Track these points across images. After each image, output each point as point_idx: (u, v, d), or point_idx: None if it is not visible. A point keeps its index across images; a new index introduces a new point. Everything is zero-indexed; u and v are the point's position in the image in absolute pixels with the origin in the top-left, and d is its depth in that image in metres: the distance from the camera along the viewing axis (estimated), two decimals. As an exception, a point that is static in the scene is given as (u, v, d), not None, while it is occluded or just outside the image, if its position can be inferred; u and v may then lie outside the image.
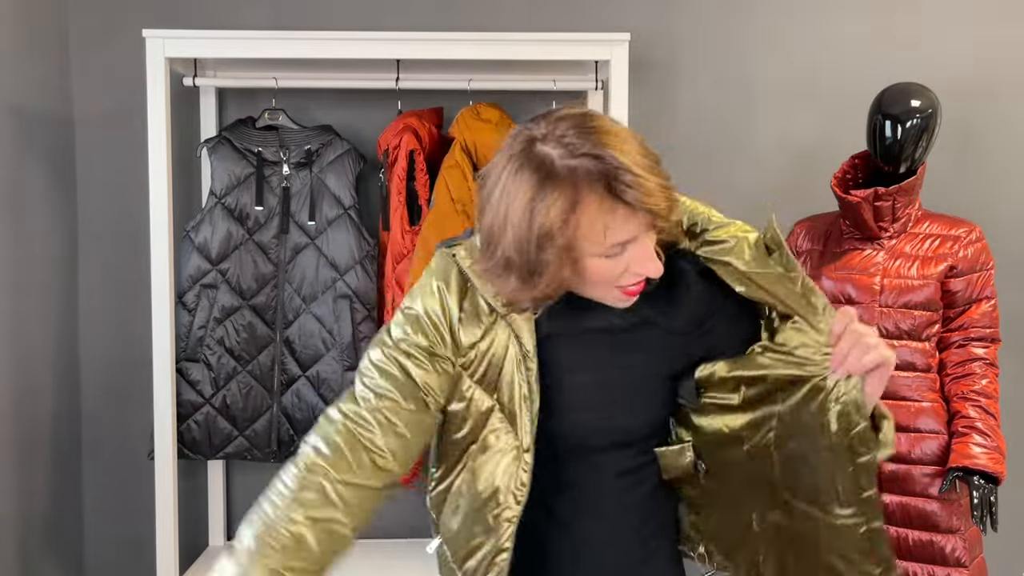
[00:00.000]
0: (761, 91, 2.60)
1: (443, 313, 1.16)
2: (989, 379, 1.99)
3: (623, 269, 1.06)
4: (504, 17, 2.53)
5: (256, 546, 1.06)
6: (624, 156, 1.00)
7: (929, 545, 1.97)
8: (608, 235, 1.02)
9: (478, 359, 1.16)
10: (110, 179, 2.52)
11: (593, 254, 1.04)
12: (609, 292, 1.10)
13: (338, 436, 1.11)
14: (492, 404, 1.17)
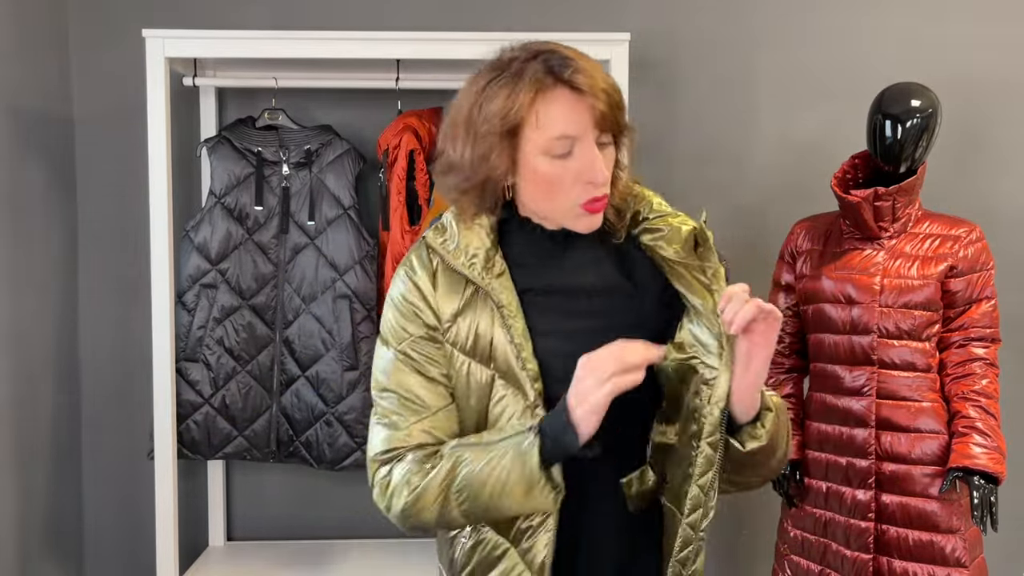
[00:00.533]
0: (761, 91, 2.60)
1: (416, 295, 1.19)
2: (989, 379, 1.99)
3: (573, 177, 1.11)
4: (504, 17, 2.53)
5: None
6: (570, 51, 1.12)
7: (929, 545, 1.96)
8: (551, 123, 1.09)
9: (464, 332, 1.17)
10: (110, 179, 2.52)
11: (538, 148, 1.10)
12: (570, 209, 1.14)
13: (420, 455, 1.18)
14: (491, 373, 1.17)
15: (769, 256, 2.41)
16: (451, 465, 1.13)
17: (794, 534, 2.15)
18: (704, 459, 1.14)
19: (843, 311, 2.04)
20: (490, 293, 1.16)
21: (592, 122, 1.10)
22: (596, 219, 1.16)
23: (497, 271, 1.18)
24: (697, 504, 1.17)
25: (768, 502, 2.49)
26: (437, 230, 1.22)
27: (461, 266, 1.17)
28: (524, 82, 1.09)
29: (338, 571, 2.35)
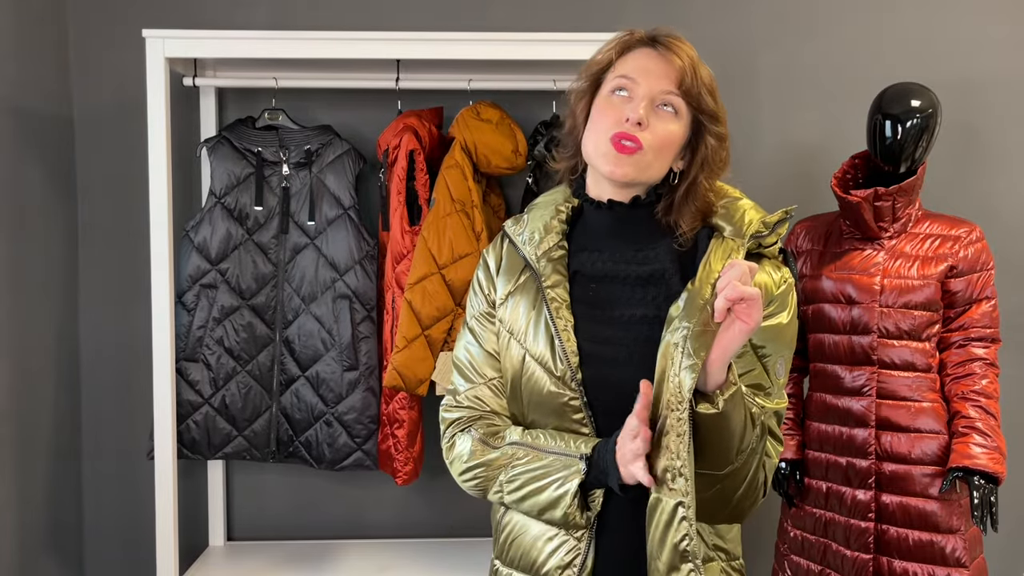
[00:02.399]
0: (761, 91, 2.60)
1: (484, 272, 1.35)
2: (989, 379, 1.99)
3: (617, 113, 1.20)
4: (504, 17, 2.53)
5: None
6: (669, 30, 1.28)
7: (929, 545, 1.97)
8: (622, 66, 1.23)
9: (510, 310, 1.28)
10: (110, 179, 2.52)
11: (607, 88, 1.23)
12: (604, 144, 1.20)
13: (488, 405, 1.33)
14: (523, 352, 1.25)
15: (769, 256, 2.41)
16: (509, 457, 1.25)
17: (794, 534, 2.15)
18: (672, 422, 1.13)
19: (843, 311, 2.04)
20: (538, 272, 1.26)
21: (659, 80, 1.20)
22: (625, 163, 1.20)
23: (554, 254, 1.28)
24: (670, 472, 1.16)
25: (768, 502, 2.49)
26: (514, 219, 1.36)
27: (523, 249, 1.30)
28: (616, 43, 1.27)
29: (338, 571, 2.35)
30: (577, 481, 1.18)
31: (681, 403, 1.09)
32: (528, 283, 1.28)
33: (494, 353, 1.31)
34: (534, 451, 1.23)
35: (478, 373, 1.31)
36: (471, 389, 1.31)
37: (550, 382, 1.23)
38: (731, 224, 1.23)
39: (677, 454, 1.10)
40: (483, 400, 1.31)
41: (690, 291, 1.17)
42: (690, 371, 1.09)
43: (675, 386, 1.10)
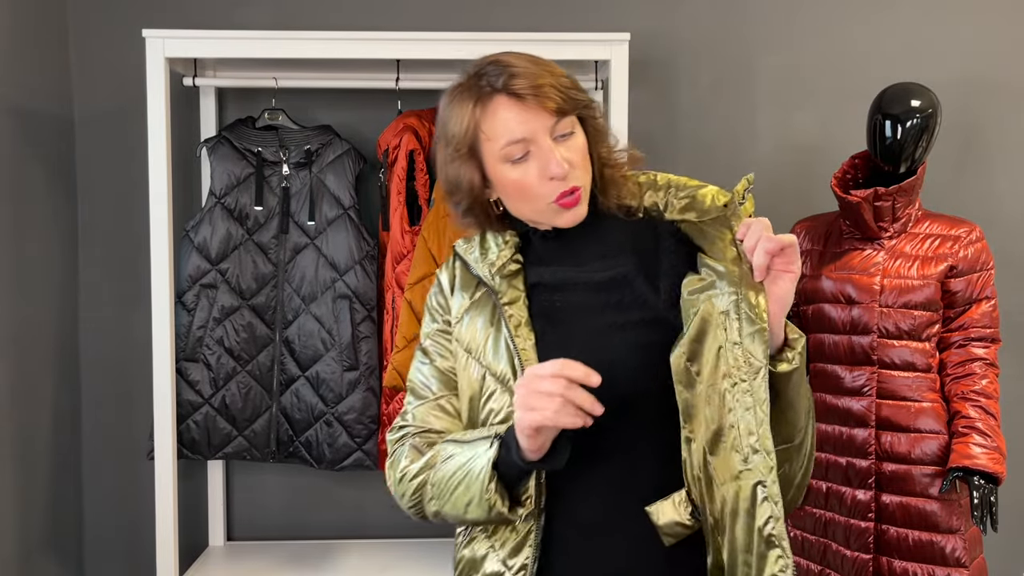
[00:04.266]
0: (761, 91, 2.60)
1: (438, 291, 1.29)
2: (989, 379, 1.99)
3: (537, 177, 1.13)
4: (504, 17, 2.53)
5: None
6: (512, 57, 1.14)
7: (929, 545, 1.96)
8: (498, 132, 1.12)
9: (466, 328, 1.21)
10: (110, 179, 2.52)
11: (497, 158, 1.13)
12: (547, 208, 1.15)
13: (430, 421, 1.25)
14: (483, 371, 1.18)
15: (769, 256, 2.41)
16: (431, 455, 1.17)
17: (794, 534, 2.15)
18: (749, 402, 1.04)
19: (843, 311, 2.04)
20: (493, 289, 1.20)
21: (541, 121, 1.12)
22: (577, 211, 1.16)
23: (509, 269, 1.21)
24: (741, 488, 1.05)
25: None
26: (465, 239, 1.30)
27: (476, 269, 1.23)
28: (469, 100, 1.14)
29: (338, 571, 2.35)
30: (488, 458, 1.08)
31: (755, 372, 1.03)
32: (484, 299, 1.22)
33: (447, 372, 1.24)
34: (458, 443, 1.14)
35: (427, 391, 1.25)
36: (419, 407, 1.24)
37: (510, 404, 1.13)
38: (702, 209, 1.18)
39: (748, 429, 1.03)
40: (429, 418, 1.23)
41: (709, 263, 1.11)
42: (758, 336, 1.04)
43: (737, 356, 1.04)
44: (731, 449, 1.05)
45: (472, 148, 1.15)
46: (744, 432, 1.04)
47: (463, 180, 1.17)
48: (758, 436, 1.03)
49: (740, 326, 1.05)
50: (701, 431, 1.07)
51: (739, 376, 1.04)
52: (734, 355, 1.05)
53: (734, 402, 1.04)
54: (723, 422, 1.05)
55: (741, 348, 1.04)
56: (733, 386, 1.05)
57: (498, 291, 1.20)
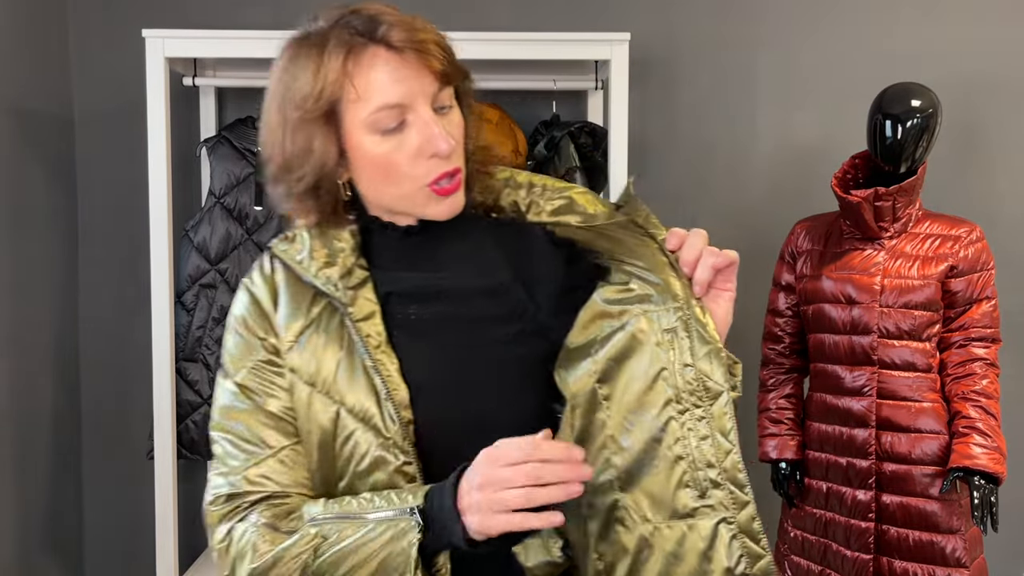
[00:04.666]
0: (761, 91, 2.59)
1: (252, 309, 1.00)
2: (990, 379, 1.98)
3: (412, 154, 0.92)
4: (504, 17, 2.53)
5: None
6: (380, 5, 0.93)
7: (929, 545, 1.96)
8: (371, 92, 0.89)
9: (307, 356, 0.96)
10: (110, 179, 2.52)
11: (363, 126, 0.91)
12: (418, 193, 0.94)
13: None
14: (336, 407, 0.95)
15: (769, 256, 2.41)
16: (312, 537, 0.91)
17: (794, 534, 2.15)
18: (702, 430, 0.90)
19: (843, 311, 2.04)
20: (339, 301, 0.96)
21: (422, 85, 0.91)
22: (455, 200, 0.96)
23: (355, 280, 0.98)
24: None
25: (769, 502, 2.49)
26: (285, 239, 1.02)
27: (313, 277, 0.97)
28: (330, 50, 0.90)
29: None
30: (415, 544, 0.87)
31: (712, 397, 0.90)
32: (326, 316, 0.97)
33: (283, 414, 0.97)
34: (346, 522, 0.90)
35: (259, 443, 0.96)
36: (250, 466, 0.95)
37: (376, 445, 0.93)
38: (587, 213, 1.02)
39: (707, 461, 0.89)
40: (269, 478, 0.95)
41: (636, 272, 0.96)
42: (715, 357, 0.91)
43: (689, 380, 0.90)
44: (678, 485, 0.90)
45: (331, 111, 0.91)
46: (700, 464, 0.90)
47: (314, 151, 0.92)
48: (721, 469, 0.89)
49: (692, 345, 0.91)
50: (600, 464, 0.93)
51: (691, 402, 0.90)
52: (684, 378, 0.91)
53: (684, 431, 0.90)
54: (656, 454, 0.91)
55: (694, 370, 0.91)
56: (682, 413, 0.90)
57: (347, 304, 0.96)
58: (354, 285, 0.98)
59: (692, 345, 0.91)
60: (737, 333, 2.89)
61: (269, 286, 1.00)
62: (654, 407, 0.91)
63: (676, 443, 0.90)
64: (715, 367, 0.91)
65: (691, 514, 0.90)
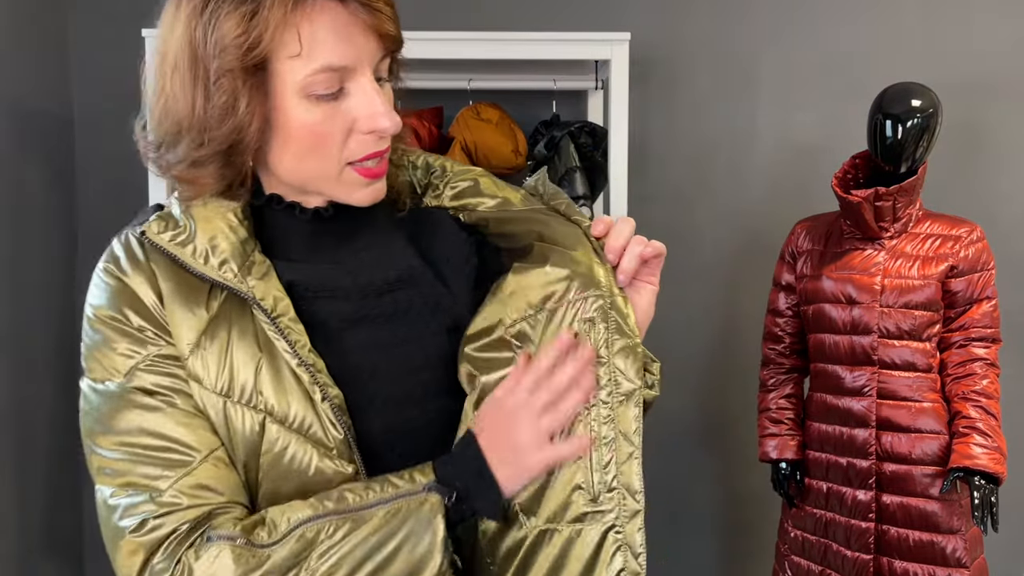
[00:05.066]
0: (761, 91, 2.59)
1: (133, 307, 0.82)
2: (990, 379, 1.99)
3: (347, 125, 0.80)
4: (504, 17, 2.53)
5: None
6: None
7: (930, 546, 1.96)
8: (312, 48, 0.76)
9: (213, 362, 0.81)
10: (110, 179, 2.52)
11: (295, 87, 0.78)
12: (339, 173, 0.82)
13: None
14: (260, 417, 0.81)
15: (769, 256, 2.41)
16: (302, 547, 0.76)
17: (794, 534, 2.15)
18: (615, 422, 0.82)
19: (844, 311, 2.04)
20: (247, 296, 0.82)
21: (369, 49, 0.80)
22: (379, 186, 0.85)
23: (259, 270, 0.84)
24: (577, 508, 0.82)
25: (769, 502, 2.49)
26: (160, 221, 0.85)
27: (206, 268, 0.82)
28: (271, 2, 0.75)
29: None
30: (442, 521, 0.78)
31: (622, 396, 0.82)
32: (232, 314, 0.82)
33: (197, 412, 0.82)
34: (344, 517, 0.77)
35: (188, 448, 0.80)
36: (184, 477, 0.79)
37: (317, 457, 0.81)
38: (493, 198, 0.93)
39: (601, 464, 0.81)
40: (211, 487, 0.80)
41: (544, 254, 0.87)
42: (631, 353, 0.83)
43: (601, 374, 0.82)
44: (574, 487, 0.81)
45: (260, 66, 0.77)
46: (597, 466, 0.81)
47: (238, 111, 0.77)
48: (617, 473, 0.81)
49: (608, 338, 0.83)
50: None
51: (601, 398, 0.82)
52: (595, 373, 0.82)
53: (584, 430, 0.81)
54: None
55: (607, 366, 0.82)
56: (588, 410, 0.81)
57: (258, 298, 0.82)
58: (260, 274, 0.83)
59: (608, 337, 0.83)
60: (737, 333, 2.92)
61: (148, 280, 0.83)
62: None
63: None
64: (630, 364, 0.83)
65: (581, 518, 0.81)
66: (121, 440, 0.81)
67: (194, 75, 0.77)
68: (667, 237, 2.90)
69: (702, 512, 2.64)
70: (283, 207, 0.86)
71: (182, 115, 0.79)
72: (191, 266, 0.82)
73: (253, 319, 0.83)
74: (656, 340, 2.64)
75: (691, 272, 2.60)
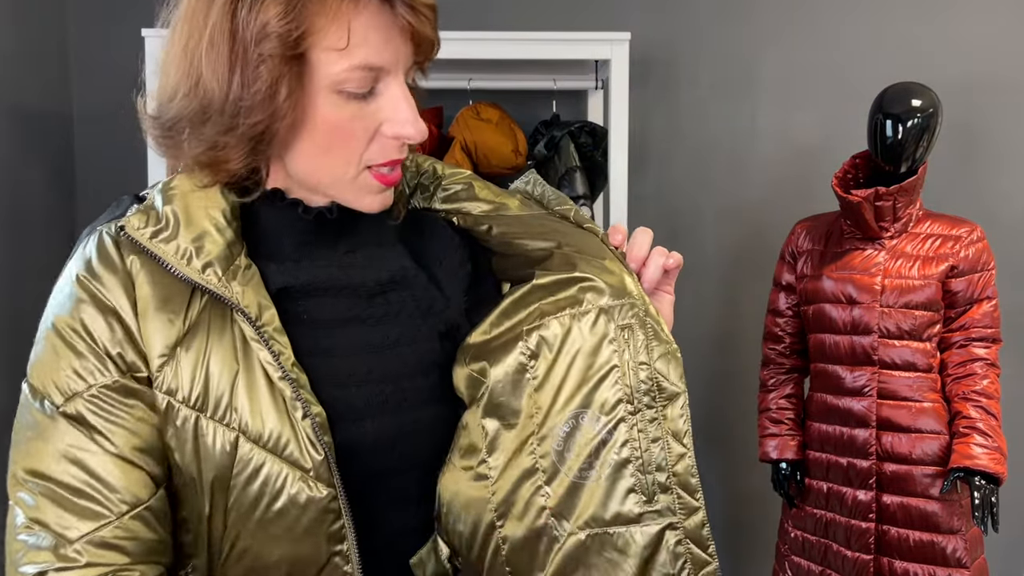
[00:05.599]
0: (761, 91, 2.60)
1: (100, 316, 0.77)
2: (990, 379, 1.98)
3: (373, 127, 0.78)
4: (504, 17, 2.53)
5: None
6: None
7: (930, 546, 1.96)
8: (354, 44, 0.74)
9: (188, 372, 0.77)
10: (110, 179, 2.52)
11: (330, 81, 0.76)
12: (355, 176, 0.80)
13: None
14: (234, 434, 0.76)
15: (769, 256, 2.41)
16: None
17: (795, 535, 2.15)
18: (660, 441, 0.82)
19: (844, 311, 2.04)
20: (231, 302, 0.77)
21: (405, 51, 0.79)
22: (389, 194, 0.83)
23: (245, 275, 0.79)
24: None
25: (769, 502, 2.49)
26: (142, 214, 0.79)
27: (189, 269, 0.77)
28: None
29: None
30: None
31: (667, 398, 0.82)
32: (212, 320, 0.78)
33: (135, 456, 0.75)
34: None
35: (110, 495, 0.74)
36: (95, 531, 0.73)
37: (295, 480, 0.76)
38: (488, 200, 0.92)
39: (657, 465, 0.81)
40: (118, 546, 0.74)
41: (564, 262, 0.86)
42: (672, 358, 0.83)
43: (645, 379, 0.82)
44: (625, 491, 0.81)
45: (302, 56, 0.75)
46: (650, 468, 0.81)
47: (278, 97, 0.74)
48: (671, 473, 0.82)
49: (648, 344, 0.83)
50: (513, 467, 0.83)
51: (644, 402, 0.82)
52: (639, 377, 0.82)
53: (634, 433, 0.81)
54: (600, 459, 0.81)
55: (650, 369, 0.82)
56: (633, 414, 0.81)
57: (241, 305, 0.77)
58: (248, 279, 0.79)
59: (648, 343, 0.83)
60: (737, 333, 2.92)
61: (122, 282, 0.77)
62: (604, 407, 0.82)
63: (624, 446, 0.81)
64: (672, 368, 0.83)
65: (636, 519, 0.81)
66: (46, 468, 0.75)
67: (233, 57, 0.74)
68: (667, 237, 2.91)
69: (702, 512, 2.64)
70: (286, 204, 0.83)
71: (215, 96, 0.75)
72: (172, 266, 0.77)
73: (233, 328, 0.78)
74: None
75: (691, 272, 2.60)
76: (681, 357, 0.85)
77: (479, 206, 0.91)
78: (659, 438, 0.82)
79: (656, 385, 0.82)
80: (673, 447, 0.82)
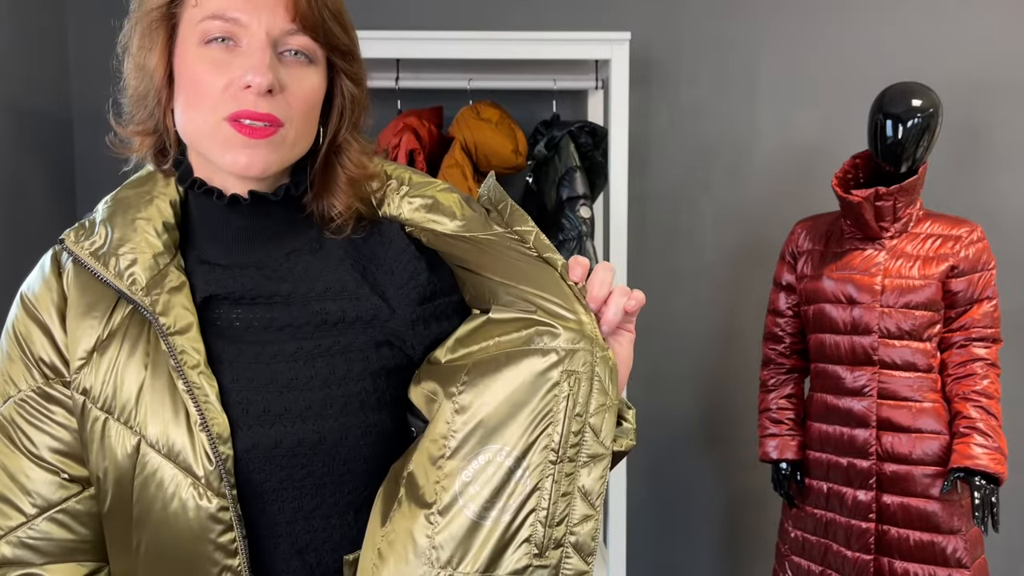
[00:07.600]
0: (761, 91, 2.59)
1: (30, 321, 0.85)
2: (990, 379, 1.99)
3: (228, 76, 0.79)
4: (504, 17, 2.53)
5: None
6: None
7: (930, 546, 1.96)
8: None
9: (102, 375, 0.81)
10: (110, 179, 2.51)
11: (194, 33, 0.81)
12: (215, 126, 0.80)
13: None
14: (136, 439, 0.80)
15: (769, 256, 2.41)
16: None
17: (795, 535, 2.15)
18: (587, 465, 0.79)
19: (844, 311, 2.04)
20: (148, 310, 0.81)
21: (273, 16, 0.80)
22: (254, 155, 0.80)
23: (172, 283, 0.83)
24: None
25: (769, 503, 2.49)
26: (80, 229, 0.87)
27: (113, 277, 0.82)
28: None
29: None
30: None
31: (590, 457, 0.79)
32: (131, 325, 0.82)
33: (53, 460, 0.82)
34: None
35: (26, 499, 0.80)
36: (17, 527, 0.80)
37: (187, 487, 0.79)
38: (451, 214, 0.88)
39: (557, 519, 0.77)
40: (31, 546, 0.80)
41: (534, 299, 0.83)
42: (608, 414, 0.80)
43: (573, 431, 0.78)
44: (521, 540, 0.77)
45: (170, 11, 0.82)
46: (551, 522, 0.77)
47: (150, 63, 0.84)
48: (569, 532, 0.78)
49: (590, 396, 0.79)
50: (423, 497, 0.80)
51: (568, 455, 0.78)
52: (570, 429, 0.78)
53: (545, 480, 0.77)
54: (504, 506, 0.78)
55: (583, 423, 0.79)
56: (554, 463, 0.77)
57: (158, 313, 0.81)
58: (170, 288, 0.82)
59: (590, 395, 0.79)
60: (737, 333, 2.92)
61: (55, 291, 0.84)
62: (528, 451, 0.78)
63: (534, 493, 0.77)
64: (605, 423, 0.79)
65: (522, 571, 0.76)
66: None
67: (130, 30, 0.88)
68: (667, 237, 2.91)
69: (702, 512, 2.64)
70: (202, 194, 0.85)
71: (129, 70, 0.87)
72: (102, 275, 0.83)
73: (149, 335, 0.82)
74: (656, 340, 2.66)
75: (691, 272, 2.60)
76: (617, 411, 0.82)
77: (442, 222, 0.88)
78: (568, 494, 0.78)
79: (583, 440, 0.79)
80: (579, 507, 0.78)
